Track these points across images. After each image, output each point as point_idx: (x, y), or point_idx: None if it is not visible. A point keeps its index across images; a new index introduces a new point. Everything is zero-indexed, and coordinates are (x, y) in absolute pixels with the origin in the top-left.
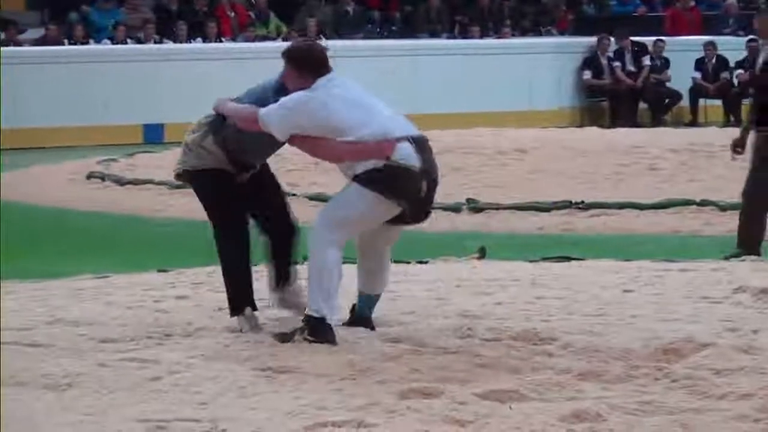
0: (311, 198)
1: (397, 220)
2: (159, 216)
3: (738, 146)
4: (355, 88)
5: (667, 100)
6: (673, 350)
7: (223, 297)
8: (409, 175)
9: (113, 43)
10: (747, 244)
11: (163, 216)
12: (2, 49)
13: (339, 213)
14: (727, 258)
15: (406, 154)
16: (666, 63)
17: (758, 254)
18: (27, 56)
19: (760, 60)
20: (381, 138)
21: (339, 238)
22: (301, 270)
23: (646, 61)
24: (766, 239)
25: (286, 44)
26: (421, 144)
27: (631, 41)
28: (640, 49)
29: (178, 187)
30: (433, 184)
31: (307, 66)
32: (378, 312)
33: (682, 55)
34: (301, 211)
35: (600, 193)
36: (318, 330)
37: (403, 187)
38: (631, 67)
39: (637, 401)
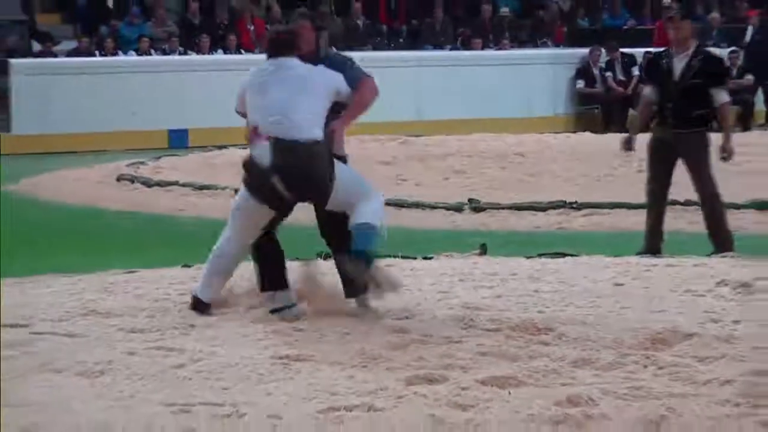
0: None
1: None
2: (183, 215)
3: (629, 145)
4: (279, 77)
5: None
6: (660, 339)
7: (241, 290)
8: (259, 172)
9: (139, 55)
10: (726, 245)
11: (187, 215)
12: (38, 60)
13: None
14: (709, 255)
15: (260, 153)
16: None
17: (733, 250)
18: (61, 66)
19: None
20: (252, 127)
21: (232, 234)
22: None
23: (636, 71)
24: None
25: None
26: (278, 146)
27: (621, 53)
28: (630, 60)
29: (201, 188)
30: (290, 184)
31: (267, 48)
32: (386, 304)
33: None
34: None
35: (593, 193)
36: (198, 308)
37: (257, 182)
38: (621, 77)
39: (627, 387)
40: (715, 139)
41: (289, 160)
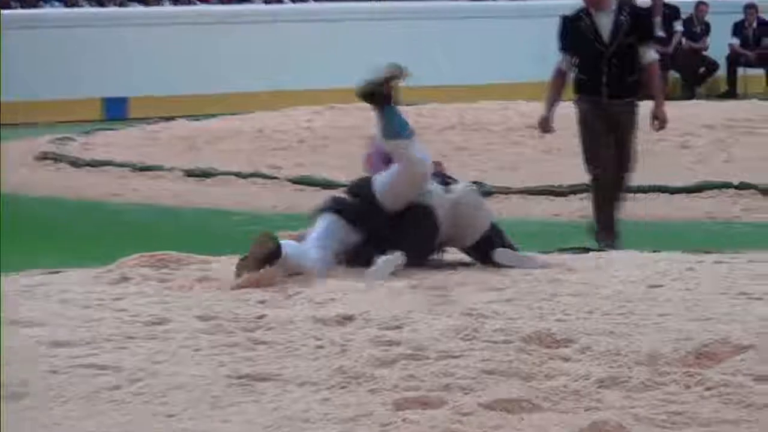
0: (295, 182)
1: None
2: (119, 201)
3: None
4: None
5: (701, 69)
6: (706, 354)
7: (192, 296)
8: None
9: (66, 6)
10: (610, 234)
11: (124, 201)
12: None
13: None
14: None
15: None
16: (706, 29)
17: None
18: None
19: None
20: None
21: None
22: None
23: (678, 26)
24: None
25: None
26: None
27: (664, 3)
28: (671, 12)
29: (142, 169)
30: None
31: None
32: (370, 311)
33: (717, 18)
34: (283, 198)
35: None
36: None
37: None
38: (660, 33)
39: (666, 412)
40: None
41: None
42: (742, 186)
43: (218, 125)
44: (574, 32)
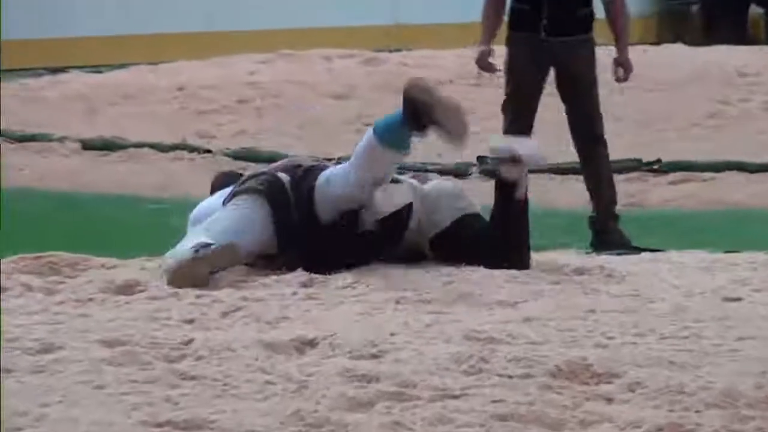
0: (235, 156)
1: None
2: None
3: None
4: None
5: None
6: None
7: (92, 313)
8: None
9: None
10: (610, 209)
11: None
12: None
13: None
14: None
15: None
16: None
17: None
18: None
19: None
20: None
21: None
22: None
23: None
24: None
25: None
26: None
27: None
28: None
29: (23, 139)
30: None
31: None
32: (337, 333)
33: None
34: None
35: (685, 146)
36: None
37: None
38: None
39: None
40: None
41: None
42: None
43: (126, 79)
44: None
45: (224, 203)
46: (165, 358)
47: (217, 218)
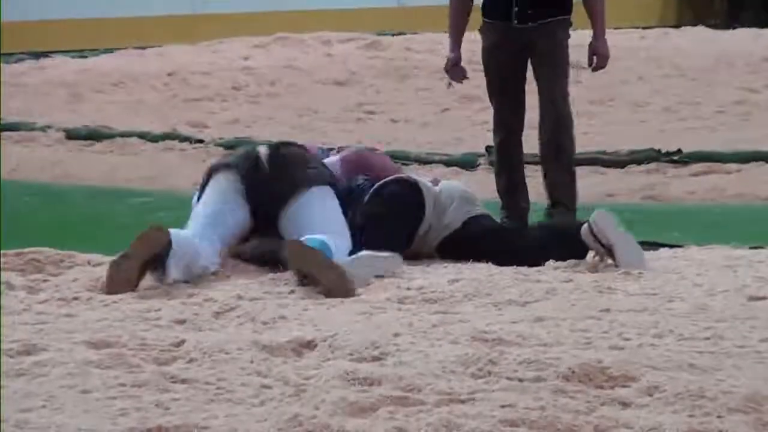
0: (228, 146)
1: None
2: None
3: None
4: None
5: None
6: None
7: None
8: None
9: None
10: (569, 206)
11: None
12: None
13: None
14: None
15: None
16: None
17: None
18: None
19: None
20: None
21: None
22: None
23: None
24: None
25: None
26: None
27: None
28: None
29: (4, 128)
30: None
31: None
32: (338, 334)
33: None
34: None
35: (709, 136)
36: None
37: None
38: None
39: None
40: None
41: None
42: None
43: (112, 64)
44: None
45: (202, 187)
46: (155, 360)
47: (196, 213)
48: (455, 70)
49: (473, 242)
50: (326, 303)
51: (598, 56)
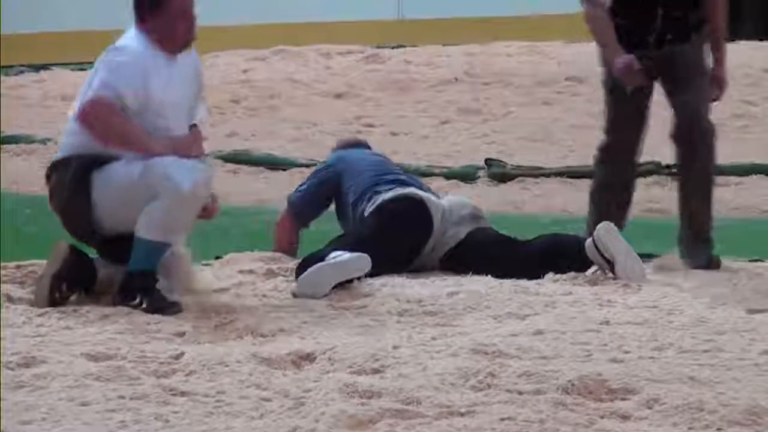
0: (227, 159)
1: None
2: None
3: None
4: None
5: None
6: None
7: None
8: None
9: None
10: (705, 234)
11: None
12: None
13: None
14: None
15: None
16: None
17: None
18: None
19: None
20: None
21: None
22: None
23: None
24: None
25: None
26: None
27: None
28: None
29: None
30: None
31: None
32: (337, 346)
33: None
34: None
35: None
36: None
37: None
38: None
39: None
40: None
41: None
42: None
43: None
44: None
45: None
46: (154, 373)
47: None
48: (633, 73)
49: (477, 251)
50: (326, 315)
51: (718, 83)
